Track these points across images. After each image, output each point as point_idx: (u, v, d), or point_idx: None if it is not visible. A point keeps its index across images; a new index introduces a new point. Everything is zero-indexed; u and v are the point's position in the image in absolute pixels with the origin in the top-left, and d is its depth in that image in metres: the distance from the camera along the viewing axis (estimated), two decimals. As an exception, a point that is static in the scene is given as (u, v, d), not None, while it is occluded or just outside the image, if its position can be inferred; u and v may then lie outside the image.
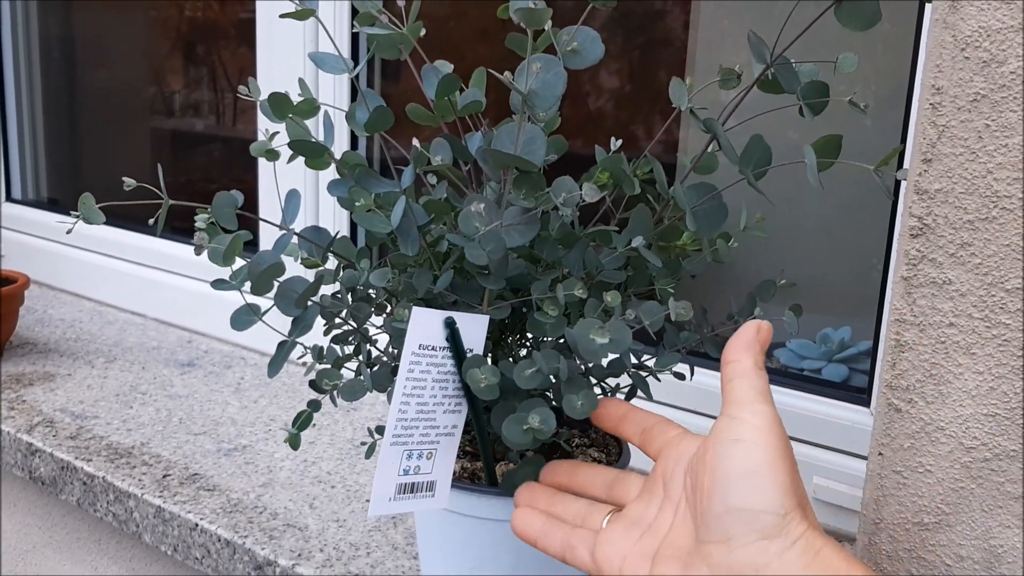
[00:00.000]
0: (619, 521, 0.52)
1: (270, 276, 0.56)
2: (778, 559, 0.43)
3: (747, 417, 0.47)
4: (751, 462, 0.45)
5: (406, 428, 0.55)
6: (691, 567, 0.46)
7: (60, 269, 1.50)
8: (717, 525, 0.45)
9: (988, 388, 0.52)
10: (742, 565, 0.44)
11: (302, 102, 0.59)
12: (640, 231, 0.58)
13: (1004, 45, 0.49)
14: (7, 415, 1.02)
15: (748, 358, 0.49)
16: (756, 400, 0.48)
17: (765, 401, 0.48)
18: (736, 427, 0.47)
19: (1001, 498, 0.52)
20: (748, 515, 0.44)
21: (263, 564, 0.77)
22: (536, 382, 0.53)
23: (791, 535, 0.43)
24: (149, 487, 0.87)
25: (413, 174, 0.57)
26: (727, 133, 0.57)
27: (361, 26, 0.57)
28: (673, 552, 0.48)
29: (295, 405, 1.08)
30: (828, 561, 0.43)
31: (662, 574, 0.47)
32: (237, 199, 0.57)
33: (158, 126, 1.56)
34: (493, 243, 0.53)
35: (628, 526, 0.51)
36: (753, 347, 0.50)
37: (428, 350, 0.55)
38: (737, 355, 0.50)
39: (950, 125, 0.51)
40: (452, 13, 1.17)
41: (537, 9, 0.48)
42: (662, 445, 0.53)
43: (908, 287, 0.54)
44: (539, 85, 0.50)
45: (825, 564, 0.43)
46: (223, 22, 1.43)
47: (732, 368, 0.50)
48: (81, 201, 0.57)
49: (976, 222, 0.51)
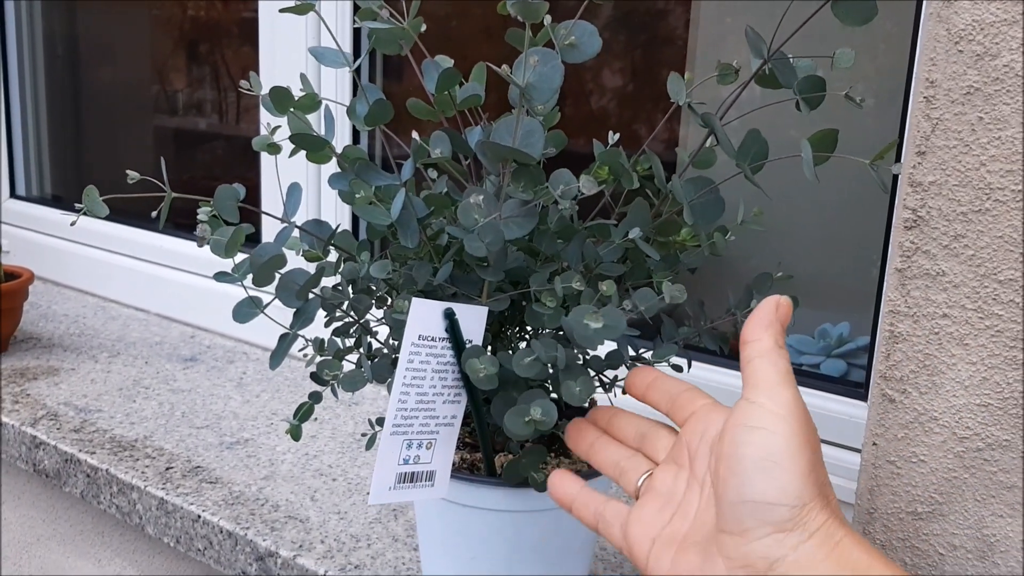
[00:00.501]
0: (650, 497, 0.51)
1: (272, 268, 0.57)
2: (794, 552, 0.41)
3: (766, 403, 0.45)
4: (768, 451, 0.43)
5: (406, 418, 0.56)
6: (708, 557, 0.45)
7: (64, 265, 1.51)
8: (732, 515, 0.44)
9: (981, 378, 0.52)
10: (756, 558, 0.42)
11: (303, 96, 0.60)
12: (638, 224, 0.58)
13: (997, 39, 0.50)
14: (12, 408, 1.03)
15: (768, 337, 0.47)
16: (776, 383, 0.45)
17: (786, 384, 0.45)
18: (754, 413, 0.45)
19: (994, 487, 0.53)
20: (763, 507, 0.42)
21: (264, 555, 0.78)
22: (535, 370, 0.53)
23: (808, 527, 0.42)
24: (152, 479, 0.88)
25: (413, 167, 0.58)
26: (726, 128, 0.58)
27: (362, 21, 0.58)
28: (696, 539, 0.47)
29: (296, 399, 1.09)
30: (847, 553, 0.41)
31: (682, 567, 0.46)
32: (239, 192, 0.58)
33: (161, 124, 1.57)
34: (492, 235, 0.53)
35: (660, 505, 0.50)
36: (773, 325, 0.47)
37: (428, 341, 0.55)
38: (756, 334, 0.47)
39: (944, 118, 0.52)
40: (454, 12, 1.17)
41: (534, 3, 0.49)
42: (689, 415, 0.52)
43: (902, 279, 0.54)
44: (536, 78, 0.51)
45: (843, 557, 0.41)
46: (226, 21, 1.44)
47: (751, 348, 0.47)
48: (85, 194, 0.58)
49: (969, 214, 0.51)
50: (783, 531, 0.42)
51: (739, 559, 0.43)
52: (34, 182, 1.67)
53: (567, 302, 0.58)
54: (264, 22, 1.18)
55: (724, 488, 0.45)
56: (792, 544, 0.42)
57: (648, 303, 0.54)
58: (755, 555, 0.42)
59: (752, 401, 0.45)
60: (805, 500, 0.42)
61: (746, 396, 0.46)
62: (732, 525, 0.44)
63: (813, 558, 0.41)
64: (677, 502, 0.49)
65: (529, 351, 0.54)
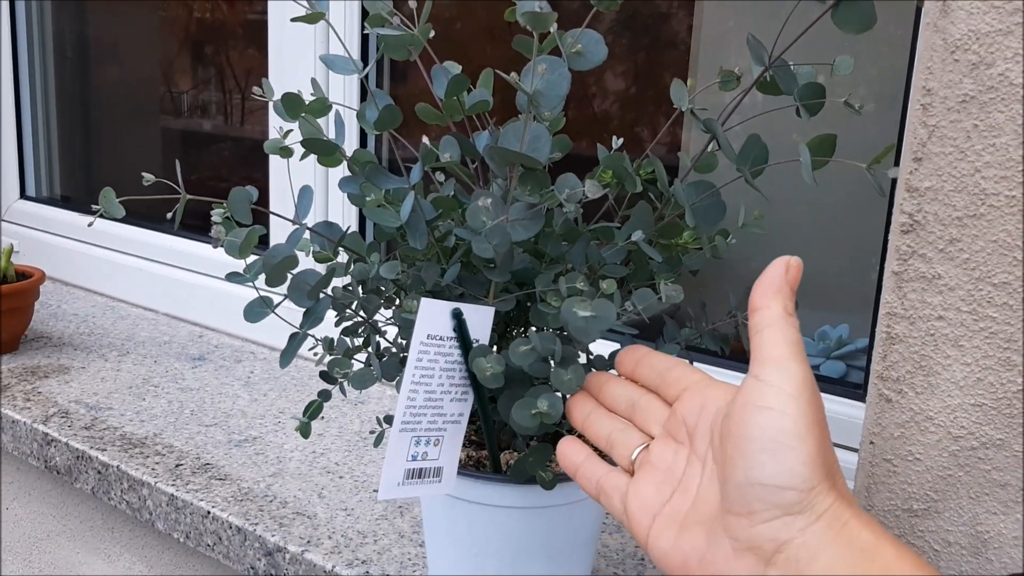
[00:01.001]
0: (648, 471, 0.50)
1: (284, 269, 0.58)
2: (801, 535, 0.41)
3: (774, 380, 0.43)
4: (777, 433, 0.42)
5: (414, 415, 0.57)
6: (713, 537, 0.44)
7: (73, 265, 1.52)
8: (739, 497, 0.43)
9: (975, 379, 0.54)
10: (764, 540, 0.42)
11: (314, 101, 0.61)
12: (641, 226, 0.60)
13: (992, 48, 0.51)
14: (23, 406, 1.04)
15: (777, 303, 0.45)
16: (785, 358, 0.43)
17: (795, 358, 0.43)
18: (762, 392, 0.43)
19: (987, 485, 0.54)
20: (771, 490, 0.42)
21: (273, 550, 0.79)
22: (529, 360, 0.55)
23: (816, 509, 0.41)
24: (162, 476, 0.89)
25: (422, 171, 0.59)
26: (728, 133, 0.59)
27: (372, 27, 0.59)
28: (700, 518, 0.46)
29: (303, 398, 1.11)
30: (855, 534, 0.41)
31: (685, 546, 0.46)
32: (252, 194, 0.59)
33: (168, 125, 1.59)
34: (499, 237, 0.55)
35: (659, 481, 0.49)
36: (783, 289, 0.45)
37: (436, 340, 0.57)
38: (764, 300, 0.45)
39: (940, 125, 0.53)
40: (458, 14, 1.19)
41: (543, 13, 0.50)
42: (682, 390, 0.51)
43: (899, 281, 0.56)
44: (544, 85, 0.52)
45: (851, 537, 0.40)
46: (232, 23, 1.45)
47: (759, 317, 0.45)
48: (103, 195, 0.59)
49: (965, 219, 0.53)
50: (791, 514, 0.41)
51: (745, 540, 0.42)
52: (44, 183, 1.68)
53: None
54: (273, 26, 1.19)
55: (731, 469, 0.43)
56: (800, 526, 0.41)
57: (646, 302, 0.55)
58: (762, 537, 0.42)
59: (760, 379, 0.44)
60: (813, 483, 0.41)
61: (754, 372, 0.44)
62: (739, 507, 0.43)
63: (821, 540, 0.41)
64: (677, 478, 0.48)
65: (526, 341, 0.55)
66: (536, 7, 0.50)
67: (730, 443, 0.44)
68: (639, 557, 0.79)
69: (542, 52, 0.53)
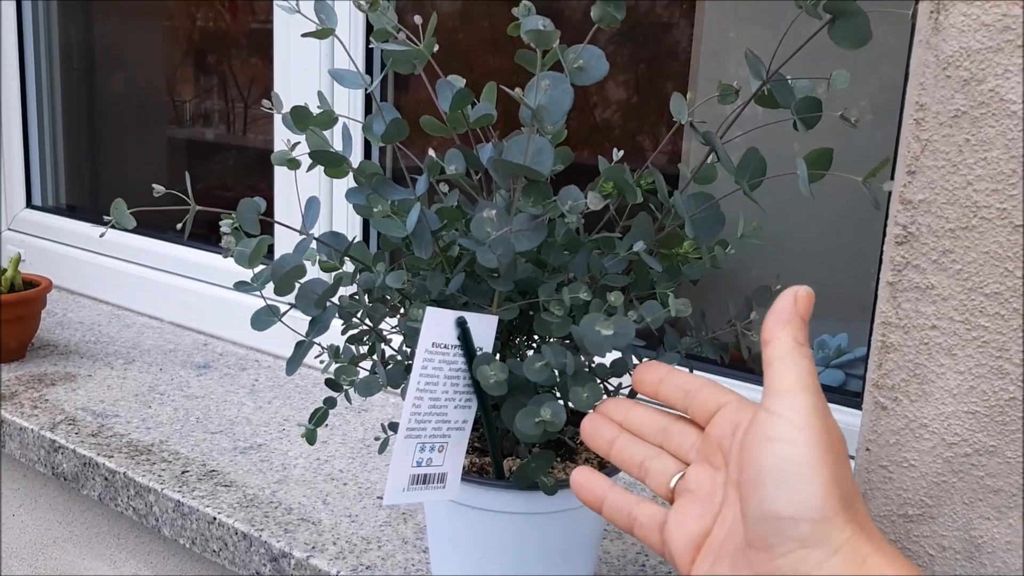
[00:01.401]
0: (689, 500, 0.49)
1: (293, 278, 0.59)
2: (819, 568, 0.40)
3: (784, 411, 0.43)
4: (786, 463, 0.42)
5: (419, 422, 0.59)
6: (737, 569, 0.44)
7: (79, 274, 1.54)
8: (756, 530, 0.42)
9: (968, 387, 0.55)
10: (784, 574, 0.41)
11: (321, 114, 0.63)
12: (641, 236, 0.61)
13: (983, 65, 0.52)
14: (31, 413, 1.05)
15: (786, 334, 0.45)
16: (795, 390, 0.43)
17: (806, 389, 0.43)
18: (772, 423, 0.43)
19: (981, 491, 0.55)
20: (785, 523, 0.41)
21: (278, 556, 0.80)
22: (545, 375, 0.56)
23: (833, 542, 0.40)
24: (169, 482, 0.90)
25: (427, 182, 0.61)
26: (728, 145, 0.60)
27: (377, 42, 0.60)
28: (729, 550, 0.45)
29: (307, 406, 1.12)
30: (875, 572, 0.40)
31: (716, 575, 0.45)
32: (260, 205, 0.60)
33: (173, 135, 1.60)
34: (503, 248, 0.56)
35: (701, 510, 0.48)
36: (792, 320, 0.45)
37: (440, 348, 0.58)
38: (774, 332, 0.45)
39: (932, 139, 0.54)
40: (460, 24, 1.20)
41: (547, 31, 0.51)
42: (714, 411, 0.50)
43: (893, 291, 0.57)
44: (548, 101, 0.54)
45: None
46: (235, 32, 1.47)
47: (770, 349, 0.45)
48: (114, 207, 0.61)
49: (957, 231, 0.54)
50: (807, 547, 0.40)
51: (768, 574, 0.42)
52: (50, 192, 1.70)
53: (574, 312, 0.60)
54: (279, 39, 1.21)
55: (747, 503, 0.43)
56: (817, 560, 0.40)
57: (655, 315, 0.56)
58: (781, 572, 0.41)
59: (770, 410, 0.44)
60: (827, 514, 0.40)
61: (765, 405, 0.44)
62: (758, 541, 0.42)
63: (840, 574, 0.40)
64: (718, 505, 0.48)
65: (540, 356, 0.57)
66: (540, 25, 0.51)
67: (744, 476, 0.44)
68: (640, 563, 0.80)
69: (545, 66, 0.55)
